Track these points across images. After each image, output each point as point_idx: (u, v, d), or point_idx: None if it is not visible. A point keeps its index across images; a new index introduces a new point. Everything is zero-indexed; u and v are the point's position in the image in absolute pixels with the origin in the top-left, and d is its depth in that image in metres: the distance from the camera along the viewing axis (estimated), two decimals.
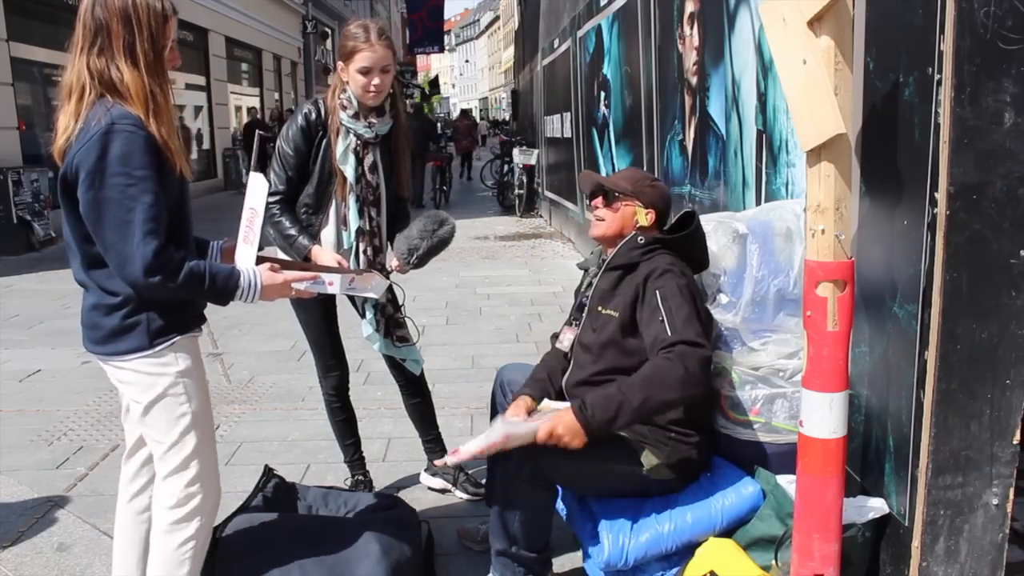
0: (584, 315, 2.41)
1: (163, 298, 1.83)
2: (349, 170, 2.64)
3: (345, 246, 2.68)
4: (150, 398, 1.90)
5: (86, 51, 1.77)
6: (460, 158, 19.19)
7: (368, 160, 2.67)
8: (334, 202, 2.67)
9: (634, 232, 2.35)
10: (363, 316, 2.83)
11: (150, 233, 1.72)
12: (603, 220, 2.40)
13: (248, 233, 2.01)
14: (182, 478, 1.93)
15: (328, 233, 2.68)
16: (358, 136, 2.64)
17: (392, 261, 2.73)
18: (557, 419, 2.00)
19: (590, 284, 2.45)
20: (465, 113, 21.45)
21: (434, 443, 3.10)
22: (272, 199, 2.61)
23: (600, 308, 2.33)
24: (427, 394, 3.09)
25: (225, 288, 1.86)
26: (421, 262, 2.68)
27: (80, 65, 1.78)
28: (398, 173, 2.77)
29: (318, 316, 2.81)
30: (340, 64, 2.61)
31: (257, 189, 2.04)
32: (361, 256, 2.69)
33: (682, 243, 2.32)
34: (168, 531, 1.95)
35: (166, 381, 1.90)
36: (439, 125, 22.51)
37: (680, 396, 2.03)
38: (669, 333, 2.10)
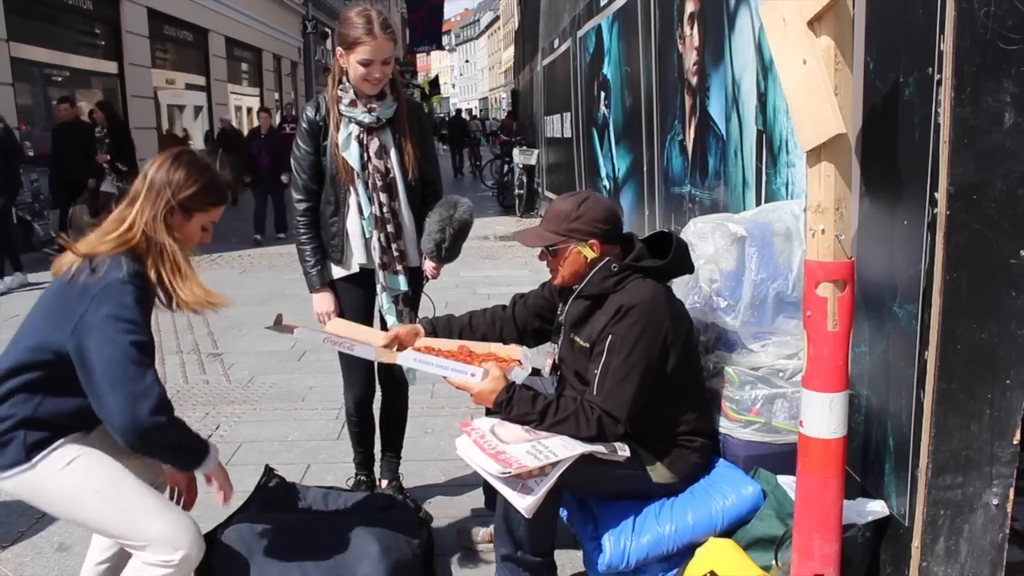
0: (561, 337, 2.38)
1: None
2: (352, 157, 2.60)
3: (366, 235, 2.65)
4: (49, 502, 1.84)
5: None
6: (501, 148, 20.46)
7: (374, 145, 2.62)
8: (352, 193, 2.63)
9: (607, 259, 2.22)
10: (384, 307, 2.75)
11: None
12: (556, 270, 2.29)
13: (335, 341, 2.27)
14: (147, 539, 1.82)
15: (353, 224, 2.66)
16: (359, 123, 2.60)
17: (427, 265, 2.71)
18: (485, 389, 2.11)
19: (566, 301, 2.36)
20: (511, 114, 26.76)
21: (394, 464, 3.02)
22: (300, 208, 2.67)
23: (573, 336, 2.30)
24: (406, 407, 3.00)
25: (197, 447, 1.91)
26: (451, 254, 2.65)
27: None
28: (403, 156, 2.66)
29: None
30: (340, 50, 2.55)
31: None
32: (376, 244, 2.65)
33: (658, 269, 2.22)
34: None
35: (57, 481, 1.80)
36: (481, 122, 35.53)
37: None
38: (595, 393, 2.13)
